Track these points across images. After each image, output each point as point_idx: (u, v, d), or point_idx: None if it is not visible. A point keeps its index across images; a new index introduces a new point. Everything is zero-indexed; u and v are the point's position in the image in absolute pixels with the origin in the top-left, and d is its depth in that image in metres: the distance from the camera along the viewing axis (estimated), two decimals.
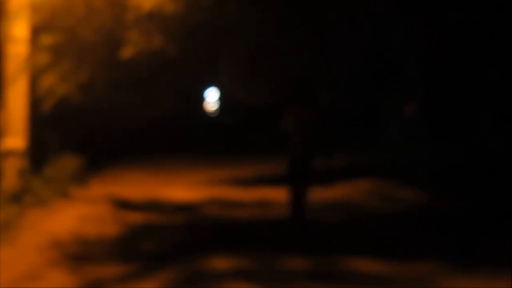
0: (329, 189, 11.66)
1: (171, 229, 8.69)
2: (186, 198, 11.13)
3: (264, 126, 20.77)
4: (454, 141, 14.76)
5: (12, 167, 9.89)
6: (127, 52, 10.32)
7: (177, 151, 18.09)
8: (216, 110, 26.47)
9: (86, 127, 14.75)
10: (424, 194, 10.72)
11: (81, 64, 10.79)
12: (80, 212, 9.57)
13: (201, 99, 26.10)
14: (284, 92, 11.82)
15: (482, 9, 13.61)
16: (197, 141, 20.36)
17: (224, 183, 13.02)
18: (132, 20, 10.19)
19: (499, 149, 13.02)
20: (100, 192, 11.47)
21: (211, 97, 26.29)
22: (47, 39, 10.27)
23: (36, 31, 10.22)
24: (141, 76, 14.51)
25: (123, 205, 10.33)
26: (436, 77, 15.70)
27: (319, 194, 11.27)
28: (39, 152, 10.88)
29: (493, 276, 6.14)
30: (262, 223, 9.19)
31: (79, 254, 7.18)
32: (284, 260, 6.83)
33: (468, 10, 13.82)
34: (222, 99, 26.00)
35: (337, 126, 19.81)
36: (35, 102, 10.56)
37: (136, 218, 9.30)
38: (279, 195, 11.19)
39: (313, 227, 8.68)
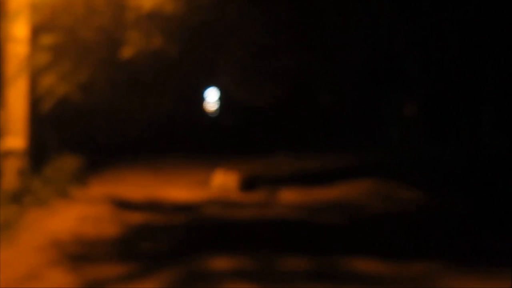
0: (329, 189, 11.66)
1: (171, 229, 8.69)
2: (186, 198, 11.12)
3: (264, 126, 20.79)
4: (454, 141, 14.77)
5: (12, 167, 9.89)
6: (127, 52, 10.31)
7: (177, 151, 18.07)
8: (216, 110, 26.47)
9: (86, 127, 14.74)
10: (424, 194, 10.72)
11: (81, 64, 10.77)
12: (80, 212, 9.56)
13: (201, 99, 26.09)
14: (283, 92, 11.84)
15: (481, 8, 13.62)
16: (197, 141, 20.34)
17: None
18: (132, 20, 10.17)
19: (499, 149, 13.02)
20: (100, 192, 11.45)
21: (211, 97, 26.28)
22: (47, 39, 10.26)
23: (36, 31, 10.21)
24: (141, 76, 14.52)
25: (123, 205, 10.32)
26: (435, 77, 15.71)
27: (319, 194, 11.28)
28: (39, 152, 10.87)
29: (493, 276, 6.14)
30: (262, 223, 9.19)
31: (79, 254, 7.17)
32: (284, 260, 6.82)
33: (467, 10, 13.82)
34: (222, 99, 26.00)
35: (337, 126, 19.84)
36: (35, 102, 10.55)
37: (136, 218, 9.29)
38: (279, 195, 11.19)
39: None
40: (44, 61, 10.31)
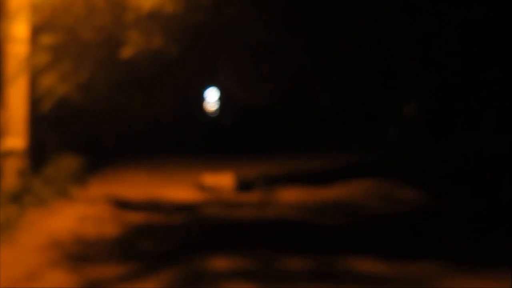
0: (329, 189, 11.66)
1: (171, 229, 8.69)
2: (186, 198, 11.13)
3: (264, 126, 20.80)
4: (454, 141, 14.76)
5: (12, 167, 9.89)
6: (127, 52, 10.32)
7: (177, 151, 18.07)
8: (216, 110, 26.47)
9: (86, 127, 14.74)
10: (424, 194, 10.72)
11: (81, 64, 10.79)
12: (80, 212, 9.57)
13: (201, 99, 26.10)
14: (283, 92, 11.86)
15: (482, 8, 13.62)
16: (197, 141, 20.35)
17: None
18: (132, 20, 10.19)
19: (499, 149, 13.01)
20: (100, 192, 11.46)
21: (211, 97, 26.29)
22: (47, 39, 10.27)
23: (36, 31, 10.22)
24: (141, 76, 14.52)
25: (123, 205, 10.33)
26: (435, 77, 15.71)
27: (319, 194, 11.28)
28: (39, 152, 10.88)
29: (493, 276, 6.14)
30: (262, 223, 9.19)
31: (79, 254, 7.18)
32: (284, 260, 6.82)
33: (468, 9, 13.82)
34: (222, 99, 26.01)
35: (337, 126, 19.84)
36: (35, 102, 10.56)
37: (136, 218, 9.29)
38: (279, 195, 11.19)
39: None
40: (44, 61, 10.33)
